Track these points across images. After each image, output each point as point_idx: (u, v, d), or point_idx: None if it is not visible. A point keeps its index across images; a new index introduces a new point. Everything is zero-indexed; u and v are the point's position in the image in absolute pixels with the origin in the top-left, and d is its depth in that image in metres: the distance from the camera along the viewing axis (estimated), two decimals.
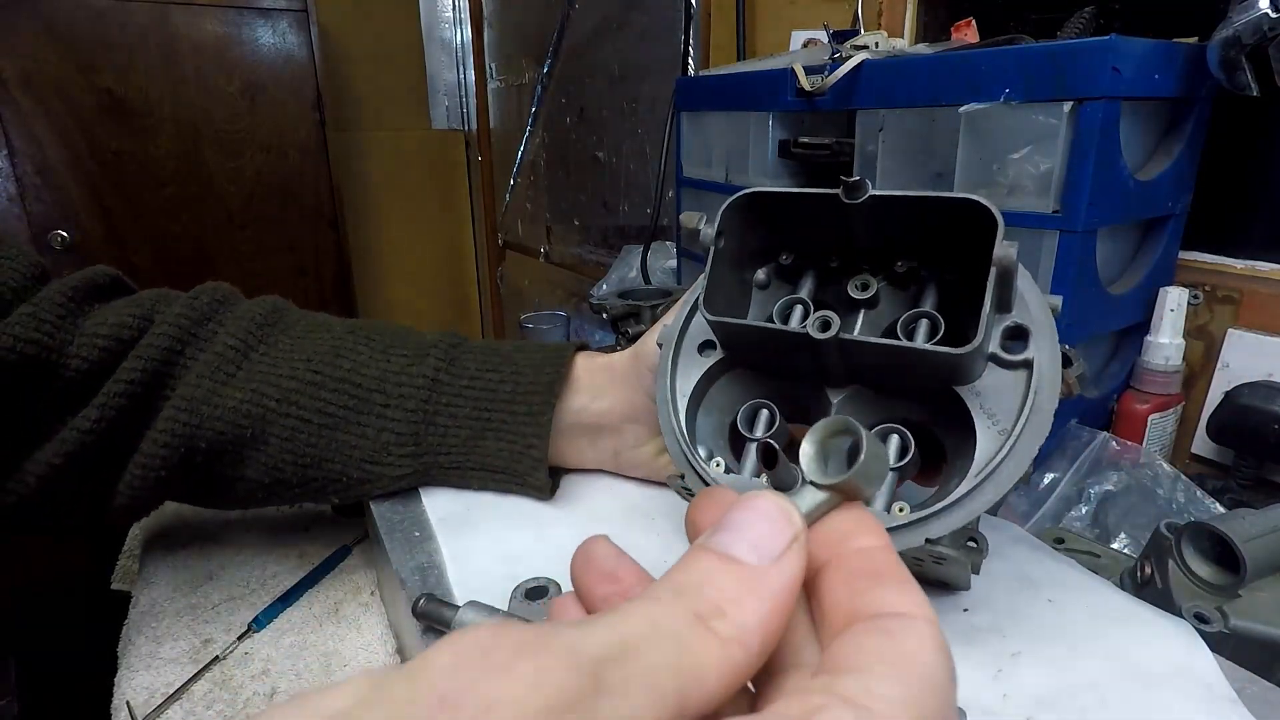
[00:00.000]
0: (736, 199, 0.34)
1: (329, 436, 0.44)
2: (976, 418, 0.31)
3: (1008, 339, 0.32)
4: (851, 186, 0.31)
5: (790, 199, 0.35)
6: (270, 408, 0.43)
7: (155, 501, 0.45)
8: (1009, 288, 0.31)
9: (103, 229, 1.67)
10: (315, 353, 0.45)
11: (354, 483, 0.45)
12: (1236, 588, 0.39)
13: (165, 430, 0.42)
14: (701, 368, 0.38)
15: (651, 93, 1.52)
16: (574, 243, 1.96)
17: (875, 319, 0.36)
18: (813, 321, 0.31)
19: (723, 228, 0.35)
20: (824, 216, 0.35)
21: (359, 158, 2.32)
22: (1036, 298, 0.32)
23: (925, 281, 0.36)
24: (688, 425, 0.37)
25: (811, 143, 0.78)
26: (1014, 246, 0.29)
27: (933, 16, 0.95)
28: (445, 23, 2.48)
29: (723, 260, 0.36)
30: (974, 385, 0.31)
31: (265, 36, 1.78)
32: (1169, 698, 0.30)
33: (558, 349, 0.47)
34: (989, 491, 0.30)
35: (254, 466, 0.44)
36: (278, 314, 0.47)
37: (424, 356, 0.46)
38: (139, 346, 0.42)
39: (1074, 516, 0.58)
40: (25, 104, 1.56)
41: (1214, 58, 0.56)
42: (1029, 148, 0.58)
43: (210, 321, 0.45)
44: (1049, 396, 0.30)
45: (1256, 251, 0.67)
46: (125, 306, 0.44)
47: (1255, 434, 0.61)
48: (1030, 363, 0.31)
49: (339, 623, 0.47)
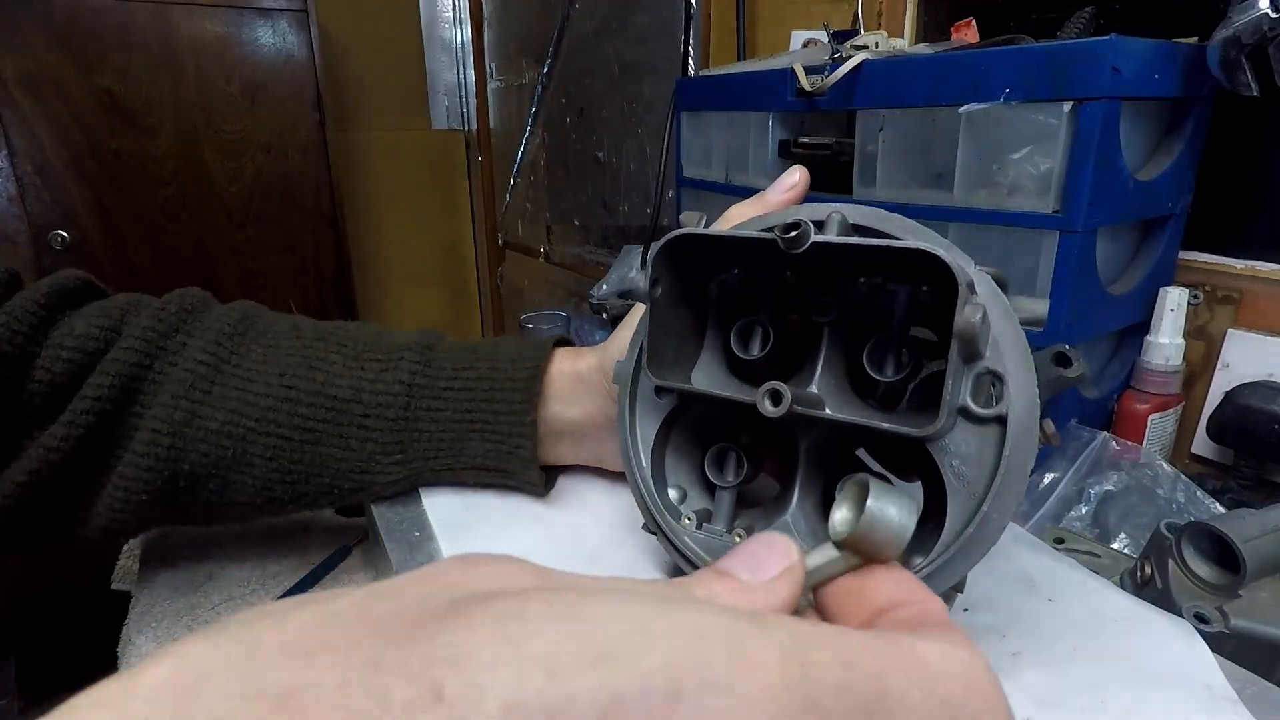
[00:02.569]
0: (666, 241, 0.31)
1: (312, 451, 0.43)
2: (946, 479, 0.29)
3: (979, 390, 0.28)
4: (791, 236, 0.28)
5: (726, 242, 0.32)
6: (250, 428, 0.42)
7: (140, 523, 0.44)
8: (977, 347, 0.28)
9: (103, 229, 1.67)
10: (287, 365, 0.44)
11: (346, 492, 0.45)
12: (1236, 588, 0.39)
13: (148, 454, 0.41)
14: (662, 411, 0.36)
15: (651, 93, 1.52)
16: (574, 243, 1.96)
17: (842, 338, 0.34)
18: (762, 395, 0.29)
19: (656, 275, 0.32)
20: (766, 258, 0.32)
21: (359, 158, 2.32)
22: (1011, 335, 0.29)
23: (895, 293, 0.33)
24: (654, 468, 0.36)
25: (812, 143, 0.78)
26: (979, 311, 0.26)
27: (933, 16, 0.95)
28: (445, 23, 2.48)
29: (663, 305, 0.33)
30: (944, 442, 0.29)
31: (265, 36, 1.78)
32: (1169, 698, 0.30)
33: (536, 345, 0.46)
34: (959, 564, 0.28)
35: (243, 490, 0.43)
36: (246, 322, 0.46)
37: (398, 361, 0.44)
38: (105, 361, 0.41)
39: (1074, 516, 0.58)
40: (25, 104, 1.56)
41: (1214, 58, 0.56)
42: (1029, 148, 0.58)
43: (178, 333, 0.44)
44: (1024, 453, 0.28)
45: (1256, 251, 0.67)
46: (93, 316, 0.42)
47: (1255, 434, 0.61)
48: (1003, 418, 0.28)
49: None
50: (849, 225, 0.31)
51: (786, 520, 0.34)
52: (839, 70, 0.70)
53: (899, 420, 0.29)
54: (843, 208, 0.31)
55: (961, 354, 0.27)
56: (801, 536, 0.34)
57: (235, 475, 0.43)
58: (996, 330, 0.28)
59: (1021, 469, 0.28)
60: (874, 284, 0.32)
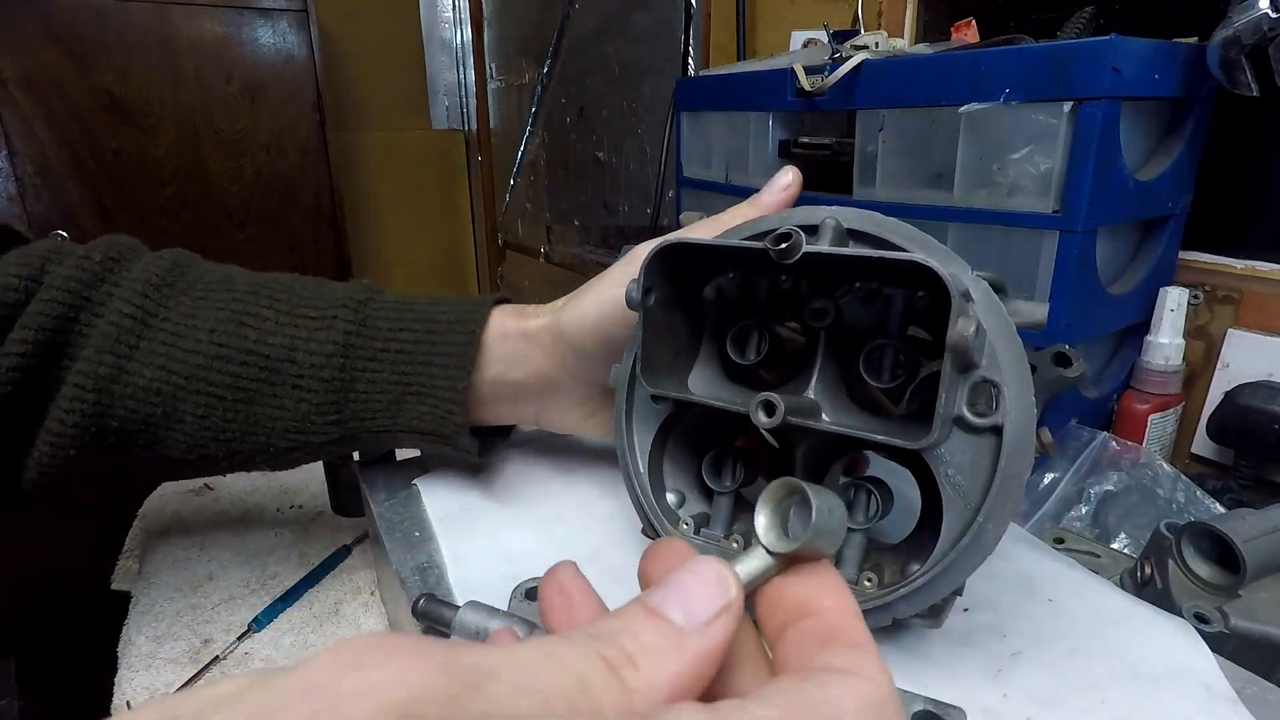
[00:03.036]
0: (657, 250, 0.31)
1: (245, 411, 0.42)
2: (942, 489, 0.29)
3: (974, 399, 0.28)
4: (783, 248, 0.28)
5: (716, 251, 0.32)
6: (180, 385, 0.41)
7: (72, 480, 0.43)
8: (971, 358, 0.28)
9: (103, 229, 1.66)
10: (218, 320, 0.42)
11: (282, 451, 0.43)
12: (1236, 588, 0.39)
13: (73, 410, 0.40)
14: (659, 417, 0.36)
15: (651, 93, 1.52)
16: (574, 243, 1.96)
17: (839, 342, 0.33)
18: (756, 406, 0.29)
19: (648, 283, 0.32)
20: (759, 264, 0.32)
21: (359, 158, 2.33)
22: (1007, 343, 0.28)
23: (891, 298, 0.32)
24: (651, 473, 0.35)
25: (812, 143, 0.78)
26: (972, 324, 0.26)
27: (933, 16, 0.95)
28: (445, 23, 2.48)
29: (657, 312, 0.33)
30: (939, 452, 0.29)
31: (265, 36, 1.78)
32: (1169, 698, 0.30)
33: (475, 305, 0.44)
34: (956, 573, 0.28)
35: (174, 446, 0.42)
36: (177, 271, 0.44)
37: (332, 320, 0.43)
38: (26, 315, 0.39)
39: (1074, 516, 0.58)
40: (25, 104, 1.56)
41: (1214, 58, 0.56)
42: (1029, 148, 0.58)
43: (104, 283, 0.41)
44: (1020, 463, 0.27)
45: (1256, 251, 0.67)
46: (12, 264, 0.40)
47: (1255, 434, 0.61)
48: (999, 428, 0.27)
49: (339, 623, 0.47)
50: (844, 230, 0.31)
51: None
52: (839, 70, 0.70)
53: (894, 430, 0.29)
54: (838, 212, 0.31)
55: (956, 365, 0.27)
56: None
57: (165, 433, 0.42)
58: (992, 338, 0.28)
59: (1018, 478, 0.28)
60: (870, 289, 0.32)
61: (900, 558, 0.32)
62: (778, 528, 0.19)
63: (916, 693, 0.27)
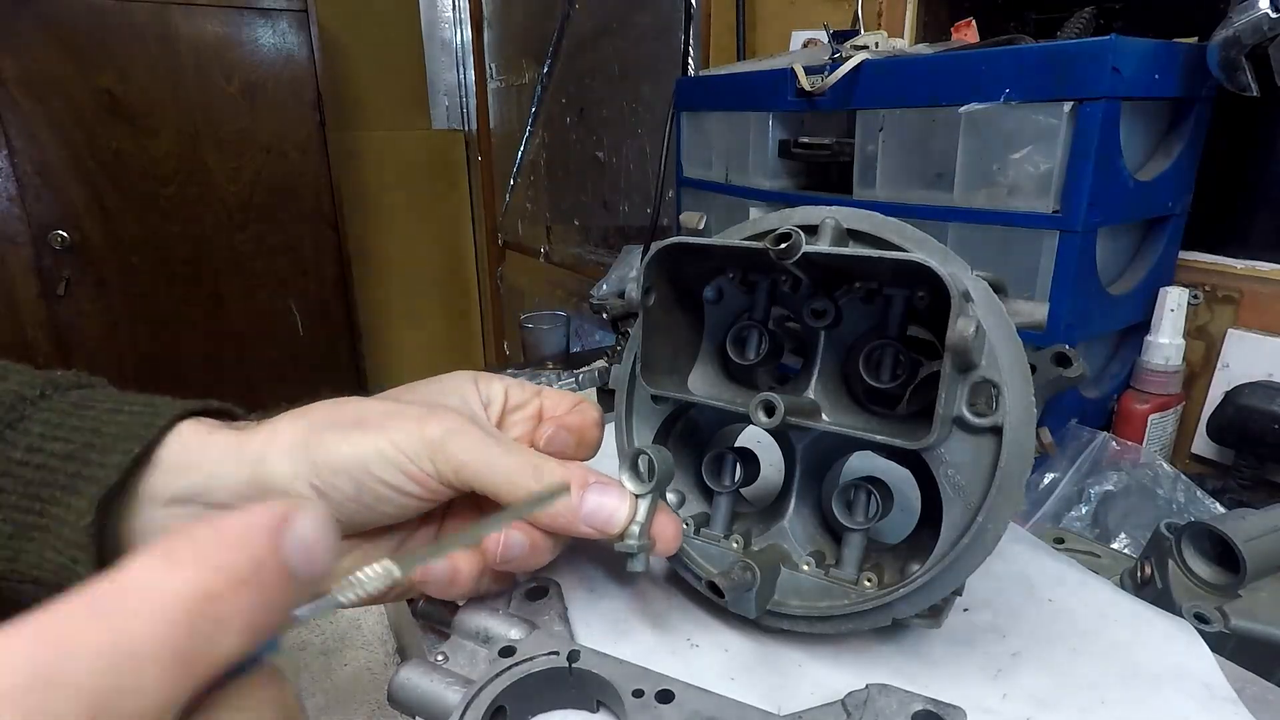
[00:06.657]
0: (658, 251, 0.31)
1: None
2: (942, 488, 0.29)
3: (974, 399, 0.28)
4: (782, 248, 0.28)
5: (717, 251, 0.32)
6: None
7: None
8: (971, 358, 0.27)
9: (103, 229, 1.67)
10: None
11: None
12: (1236, 588, 0.39)
13: None
14: (659, 416, 0.36)
15: (651, 93, 1.52)
16: (574, 243, 1.96)
17: (839, 341, 0.33)
18: (756, 406, 0.29)
19: (649, 283, 0.32)
20: (759, 264, 0.32)
21: (359, 158, 2.32)
22: (1007, 343, 0.28)
23: (891, 298, 0.32)
24: None
25: (811, 143, 0.78)
26: (972, 324, 0.26)
27: (933, 16, 0.95)
28: (445, 23, 2.48)
29: (658, 312, 0.33)
30: (939, 451, 0.29)
31: (265, 36, 1.78)
32: (1169, 698, 0.30)
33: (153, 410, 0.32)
34: (956, 573, 0.28)
35: None
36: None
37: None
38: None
39: (1074, 516, 0.58)
40: (25, 104, 1.56)
41: (1214, 58, 0.56)
42: (1029, 148, 0.58)
43: None
44: (1020, 462, 0.27)
45: (1256, 251, 0.67)
46: None
47: (1255, 434, 0.61)
48: (999, 428, 0.27)
49: (339, 623, 0.47)
50: (843, 230, 0.31)
51: (784, 526, 0.34)
52: (839, 70, 0.70)
53: (894, 429, 0.29)
54: (837, 212, 0.31)
55: (955, 365, 0.27)
56: (799, 539, 0.34)
57: None
58: (992, 338, 0.28)
59: (1017, 478, 0.28)
60: (870, 289, 0.32)
61: (900, 558, 0.32)
62: (636, 479, 0.31)
63: (916, 693, 0.27)
